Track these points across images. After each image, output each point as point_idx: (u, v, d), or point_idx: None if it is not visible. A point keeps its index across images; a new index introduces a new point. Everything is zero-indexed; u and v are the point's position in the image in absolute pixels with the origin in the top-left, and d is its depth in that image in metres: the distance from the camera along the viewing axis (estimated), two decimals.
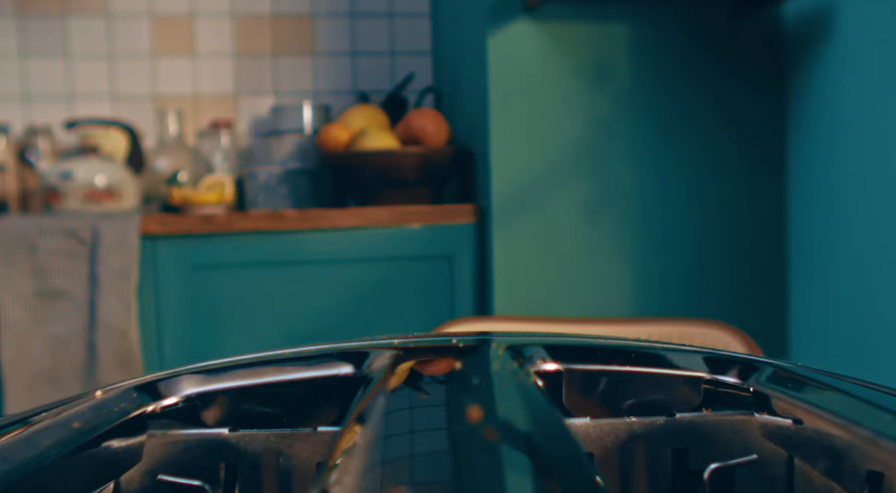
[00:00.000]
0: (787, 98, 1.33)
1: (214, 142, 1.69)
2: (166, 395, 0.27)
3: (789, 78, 1.33)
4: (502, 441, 0.16)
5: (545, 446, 0.16)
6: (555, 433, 0.17)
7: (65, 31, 1.75)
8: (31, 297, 1.25)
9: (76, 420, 0.23)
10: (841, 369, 0.31)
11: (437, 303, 1.37)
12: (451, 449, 0.18)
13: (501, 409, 0.18)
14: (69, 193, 1.37)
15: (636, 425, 0.25)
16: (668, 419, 0.25)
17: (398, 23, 1.84)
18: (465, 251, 1.37)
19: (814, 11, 1.25)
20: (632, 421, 0.25)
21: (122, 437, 0.24)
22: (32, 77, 1.74)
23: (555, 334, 0.27)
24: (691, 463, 0.24)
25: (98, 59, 1.76)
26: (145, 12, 1.77)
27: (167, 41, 1.78)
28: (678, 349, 0.28)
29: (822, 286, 1.25)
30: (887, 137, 1.09)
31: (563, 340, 0.26)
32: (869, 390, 0.23)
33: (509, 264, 1.31)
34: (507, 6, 1.29)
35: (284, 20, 1.81)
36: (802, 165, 1.30)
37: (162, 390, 0.27)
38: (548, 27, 1.29)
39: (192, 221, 1.31)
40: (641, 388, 0.26)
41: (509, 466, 0.13)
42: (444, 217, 1.36)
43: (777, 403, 0.24)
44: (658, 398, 0.25)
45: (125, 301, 1.27)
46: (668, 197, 1.33)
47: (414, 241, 1.36)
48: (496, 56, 1.29)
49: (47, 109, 1.75)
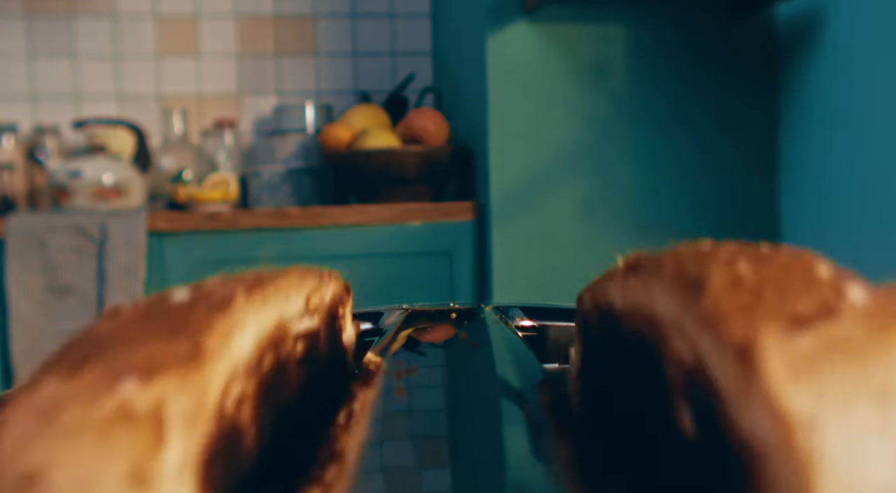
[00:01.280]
0: (780, 98, 1.36)
1: (218, 141, 1.72)
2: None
3: (781, 78, 1.36)
4: (489, 357, 0.22)
5: (520, 359, 0.22)
6: (522, 351, 0.23)
7: (71, 32, 1.78)
8: (41, 292, 1.28)
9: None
10: None
11: (438, 298, 1.40)
12: (448, 359, 0.26)
13: (491, 334, 0.24)
14: (78, 191, 1.40)
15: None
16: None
17: (399, 23, 1.87)
18: (464, 248, 1.40)
19: (805, 14, 1.28)
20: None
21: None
22: (40, 77, 1.77)
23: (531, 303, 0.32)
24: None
25: (104, 60, 1.79)
26: (150, 13, 1.80)
27: (172, 42, 1.81)
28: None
29: None
30: (875, 136, 1.12)
31: (535, 304, 0.32)
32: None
33: (508, 260, 1.34)
34: (506, 8, 1.32)
35: (287, 21, 1.84)
36: (794, 162, 1.33)
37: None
38: (546, 29, 1.32)
39: (198, 219, 1.34)
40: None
41: (498, 377, 0.20)
42: (444, 214, 1.39)
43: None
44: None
45: (133, 297, 1.30)
46: (664, 195, 1.36)
47: (415, 237, 1.39)
48: (495, 57, 1.32)
49: (54, 109, 1.78)
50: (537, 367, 0.22)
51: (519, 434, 0.17)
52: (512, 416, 0.18)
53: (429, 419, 0.20)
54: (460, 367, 0.25)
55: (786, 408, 0.11)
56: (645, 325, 0.17)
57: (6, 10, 1.76)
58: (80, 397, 0.13)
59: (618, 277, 0.19)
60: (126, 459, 0.12)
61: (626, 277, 0.18)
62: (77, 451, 0.12)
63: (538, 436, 0.17)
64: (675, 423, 0.15)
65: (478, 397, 0.21)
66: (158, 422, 0.13)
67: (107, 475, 0.12)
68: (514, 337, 0.26)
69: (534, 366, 0.22)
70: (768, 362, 0.12)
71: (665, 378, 0.15)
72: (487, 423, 0.18)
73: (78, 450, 0.12)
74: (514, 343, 0.25)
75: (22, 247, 1.28)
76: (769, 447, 0.11)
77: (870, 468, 0.11)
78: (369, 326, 0.32)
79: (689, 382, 0.14)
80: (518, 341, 0.25)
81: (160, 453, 0.12)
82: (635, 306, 0.17)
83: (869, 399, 0.11)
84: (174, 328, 0.15)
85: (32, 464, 0.12)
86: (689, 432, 0.14)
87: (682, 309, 0.14)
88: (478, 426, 0.19)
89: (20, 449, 0.12)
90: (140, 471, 0.12)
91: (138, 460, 0.12)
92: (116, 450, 0.12)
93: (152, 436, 0.13)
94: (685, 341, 0.14)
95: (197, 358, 0.14)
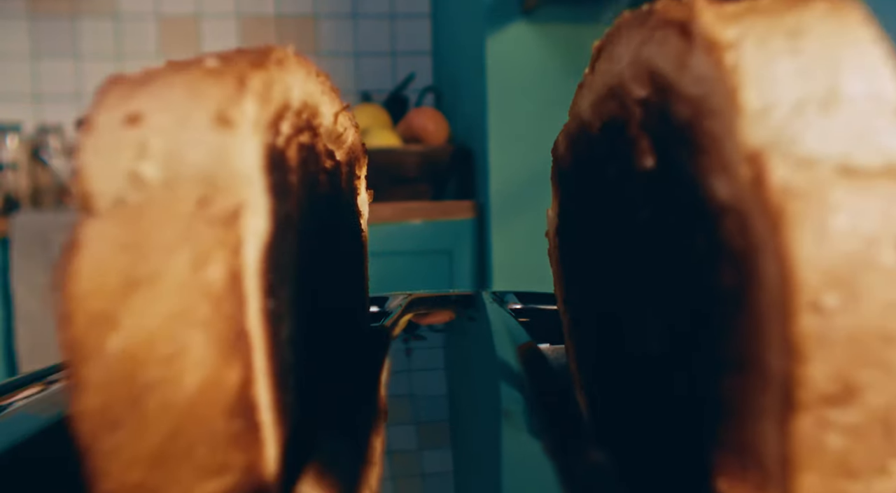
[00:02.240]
0: None
1: None
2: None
3: None
4: (486, 325, 0.28)
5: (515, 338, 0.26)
6: (512, 323, 0.28)
7: (74, 32, 1.79)
8: (47, 290, 1.30)
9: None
10: None
11: None
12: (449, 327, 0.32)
13: (490, 314, 0.29)
14: None
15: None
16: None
17: (399, 24, 1.88)
18: (464, 246, 1.41)
19: None
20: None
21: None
22: (43, 77, 1.79)
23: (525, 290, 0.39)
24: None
25: (107, 60, 1.81)
26: (152, 13, 1.82)
27: (174, 42, 1.83)
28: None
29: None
30: None
31: (528, 291, 0.39)
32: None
33: (507, 258, 1.35)
34: (505, 8, 1.33)
35: (288, 21, 1.86)
36: None
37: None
38: (545, 29, 1.34)
39: None
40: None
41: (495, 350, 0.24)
42: (444, 213, 1.41)
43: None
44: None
45: None
46: None
47: (415, 236, 1.41)
48: (494, 57, 1.33)
49: (57, 109, 1.79)
50: (524, 333, 0.26)
51: (510, 386, 0.21)
52: (506, 371, 0.22)
53: (435, 377, 0.25)
54: (461, 334, 0.31)
55: (717, 37, 0.14)
56: (609, 99, 0.20)
57: (10, 10, 1.77)
58: (170, 69, 0.16)
59: (585, 75, 0.22)
60: (213, 105, 0.15)
61: (591, 66, 0.22)
62: (171, 99, 0.15)
63: (525, 386, 0.21)
64: (650, 264, 0.18)
65: (477, 357, 0.26)
66: (240, 81, 0.15)
67: (196, 116, 0.15)
68: (506, 314, 0.30)
69: (521, 332, 0.27)
70: (702, 16, 0.15)
71: (638, 181, 0.18)
72: (485, 378, 0.23)
73: (172, 98, 0.15)
74: (505, 318, 0.29)
75: (27, 245, 1.29)
76: (705, 84, 0.14)
77: (780, 80, 0.14)
78: (375, 309, 0.35)
79: (645, 112, 0.17)
80: (509, 316, 0.30)
81: (241, 104, 0.15)
82: (602, 82, 0.21)
83: (781, 34, 0.14)
84: (224, 60, 0.17)
85: (134, 108, 0.15)
86: (649, 164, 0.17)
87: (638, 33, 0.17)
88: (477, 380, 0.24)
89: (123, 99, 0.15)
90: (224, 115, 0.15)
91: (223, 106, 0.15)
92: (205, 98, 0.15)
93: (235, 89, 0.15)
94: (639, 69, 0.17)
95: (264, 63, 0.17)
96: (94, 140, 0.15)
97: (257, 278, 0.15)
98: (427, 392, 0.23)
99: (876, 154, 0.13)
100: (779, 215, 0.13)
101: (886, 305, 0.13)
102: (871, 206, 0.13)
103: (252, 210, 0.15)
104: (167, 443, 0.14)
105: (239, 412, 0.14)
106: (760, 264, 0.13)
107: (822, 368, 0.13)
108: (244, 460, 0.14)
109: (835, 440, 0.13)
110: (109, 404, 0.14)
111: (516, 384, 0.21)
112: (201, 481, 0.14)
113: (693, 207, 0.15)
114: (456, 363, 0.27)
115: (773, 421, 0.13)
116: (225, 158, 0.15)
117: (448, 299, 0.35)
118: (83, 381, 0.14)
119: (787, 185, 0.13)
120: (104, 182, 0.15)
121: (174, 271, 0.14)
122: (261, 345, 0.15)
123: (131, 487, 0.14)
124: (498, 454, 0.17)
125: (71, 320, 0.14)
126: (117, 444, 0.14)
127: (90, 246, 0.14)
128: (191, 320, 0.14)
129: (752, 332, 0.14)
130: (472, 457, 0.19)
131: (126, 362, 0.14)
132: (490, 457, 0.17)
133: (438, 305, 0.33)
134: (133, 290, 0.14)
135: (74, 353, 0.14)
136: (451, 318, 0.33)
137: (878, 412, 0.13)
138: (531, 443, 0.17)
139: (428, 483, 0.18)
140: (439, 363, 0.27)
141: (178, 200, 0.14)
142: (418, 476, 0.18)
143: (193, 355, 0.14)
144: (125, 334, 0.14)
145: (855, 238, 0.13)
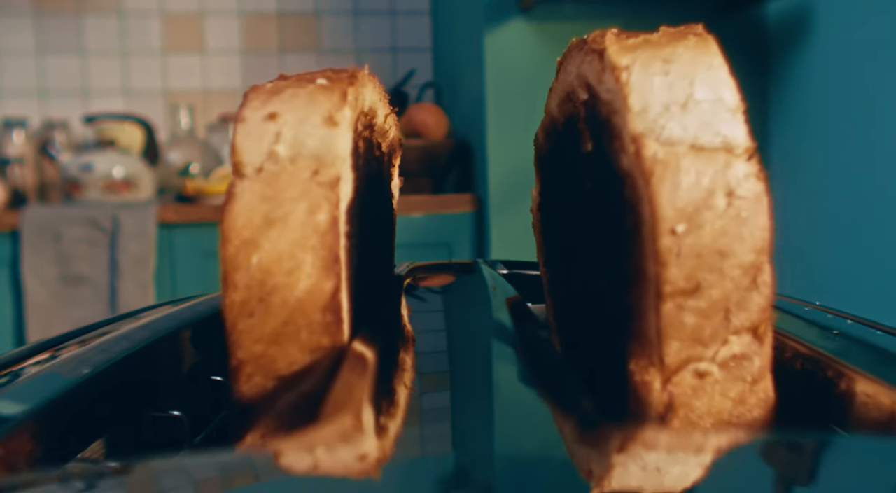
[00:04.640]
0: (770, 92, 1.40)
1: (224, 135, 1.76)
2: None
3: (771, 74, 1.40)
4: (481, 280, 0.38)
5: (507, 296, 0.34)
6: (500, 280, 0.37)
7: (79, 29, 1.82)
8: (56, 282, 1.33)
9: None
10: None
11: None
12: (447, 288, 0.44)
13: (485, 275, 0.38)
14: (89, 184, 1.45)
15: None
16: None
17: (400, 20, 1.91)
18: (463, 239, 1.44)
19: (795, 10, 1.32)
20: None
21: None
22: (49, 73, 1.82)
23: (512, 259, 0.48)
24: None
25: (112, 56, 1.84)
26: (156, 10, 1.84)
27: (178, 38, 1.86)
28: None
29: (805, 273, 1.33)
30: (865, 128, 1.17)
31: (515, 260, 0.47)
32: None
33: (506, 250, 1.38)
34: (503, 6, 1.36)
35: (290, 18, 1.88)
36: (785, 156, 1.38)
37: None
38: (542, 26, 1.36)
39: (206, 211, 1.39)
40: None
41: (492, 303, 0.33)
42: (444, 206, 1.44)
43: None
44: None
45: (144, 286, 1.34)
46: None
47: (415, 229, 1.44)
48: (493, 53, 1.36)
49: (63, 104, 1.82)
50: (511, 288, 0.35)
51: (501, 322, 0.30)
52: (497, 309, 0.32)
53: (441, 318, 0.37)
54: (462, 283, 0.43)
55: (617, 63, 0.22)
56: (567, 101, 0.27)
57: (16, 7, 1.80)
58: (293, 83, 0.24)
59: (553, 82, 0.29)
60: (324, 110, 0.23)
61: (556, 75, 0.28)
62: (297, 104, 0.23)
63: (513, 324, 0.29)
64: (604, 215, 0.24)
65: (475, 302, 0.37)
66: (342, 95, 0.24)
67: (313, 117, 0.23)
68: (497, 275, 0.39)
69: (508, 288, 0.35)
70: (610, 47, 0.22)
71: (584, 161, 0.26)
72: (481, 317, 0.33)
73: (297, 104, 0.23)
74: (496, 277, 0.38)
75: (37, 238, 1.32)
76: (612, 93, 0.22)
77: (655, 91, 0.21)
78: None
79: (587, 111, 0.24)
80: (499, 276, 0.39)
81: (343, 110, 0.23)
82: (562, 88, 0.27)
83: (659, 60, 0.22)
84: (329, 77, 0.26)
85: (272, 109, 0.23)
86: (589, 148, 0.24)
87: (579, 55, 0.25)
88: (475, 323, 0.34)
89: (263, 102, 0.24)
90: (332, 117, 0.23)
91: (331, 111, 0.23)
92: (319, 105, 0.23)
93: (339, 100, 0.24)
94: (580, 81, 0.25)
95: (354, 81, 0.25)
96: (244, 128, 0.23)
97: (346, 223, 0.23)
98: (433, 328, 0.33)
99: (716, 137, 0.21)
100: (649, 176, 0.21)
101: (719, 231, 0.20)
102: (710, 169, 0.21)
103: (344, 180, 0.23)
104: (282, 328, 0.21)
105: (331, 310, 0.22)
106: (641, 208, 0.21)
107: (678, 271, 0.20)
108: (331, 341, 0.22)
109: (689, 318, 0.20)
110: (247, 299, 0.21)
111: (506, 328, 0.28)
112: (303, 354, 0.22)
113: (612, 176, 0.23)
114: (457, 303, 0.38)
115: (653, 310, 0.21)
116: (330, 145, 0.23)
117: (447, 265, 0.45)
118: (233, 283, 0.21)
119: (655, 157, 0.21)
120: (251, 156, 0.23)
121: (296, 214, 0.22)
122: (345, 266, 0.22)
123: (257, 356, 0.21)
124: (490, 377, 0.25)
125: (227, 243, 0.22)
126: (250, 326, 0.21)
127: (241, 197, 0.22)
128: (305, 246, 0.22)
129: (640, 252, 0.21)
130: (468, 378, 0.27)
131: (262, 272, 0.22)
132: (483, 378, 0.25)
133: (439, 270, 0.41)
134: (269, 225, 0.22)
135: (228, 265, 0.22)
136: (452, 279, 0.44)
137: (718, 302, 0.20)
138: (517, 368, 0.25)
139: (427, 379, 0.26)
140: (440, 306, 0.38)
141: (299, 170, 0.23)
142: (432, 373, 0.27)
143: (305, 270, 0.22)
144: (263, 254, 0.22)
145: (698, 189, 0.21)
